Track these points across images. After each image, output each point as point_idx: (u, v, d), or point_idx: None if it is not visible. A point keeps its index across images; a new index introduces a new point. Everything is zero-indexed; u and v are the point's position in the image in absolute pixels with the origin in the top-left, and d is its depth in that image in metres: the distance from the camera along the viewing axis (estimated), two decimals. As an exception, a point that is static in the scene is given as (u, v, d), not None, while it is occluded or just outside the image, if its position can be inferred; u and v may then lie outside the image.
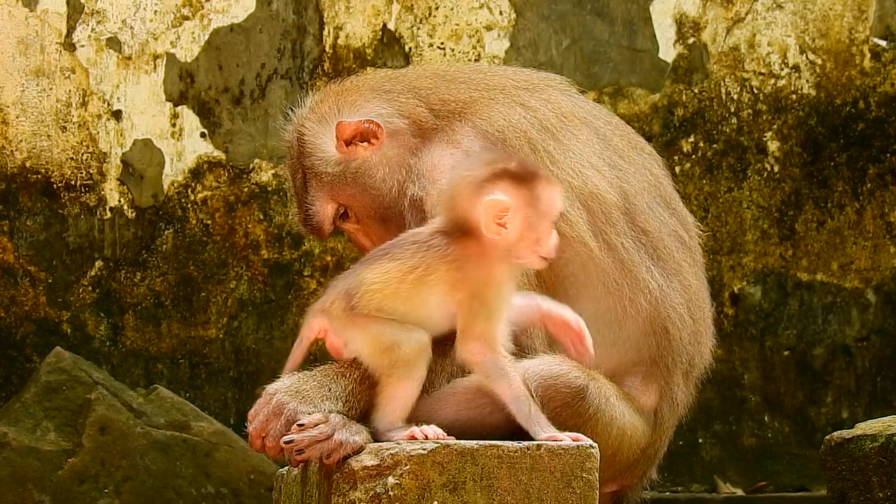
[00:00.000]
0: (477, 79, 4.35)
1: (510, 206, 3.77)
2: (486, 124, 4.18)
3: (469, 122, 4.20)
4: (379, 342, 3.77)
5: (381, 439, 3.75)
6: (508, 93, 4.30)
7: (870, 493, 4.25)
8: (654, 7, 6.65)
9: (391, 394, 3.77)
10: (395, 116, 4.26)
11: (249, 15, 6.39)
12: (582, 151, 4.19)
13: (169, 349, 6.27)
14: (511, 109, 4.23)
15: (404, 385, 3.77)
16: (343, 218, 4.33)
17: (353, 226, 4.35)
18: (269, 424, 3.83)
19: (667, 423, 4.27)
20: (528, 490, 3.70)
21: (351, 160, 4.26)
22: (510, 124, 4.18)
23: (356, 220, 4.33)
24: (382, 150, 4.25)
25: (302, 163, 4.32)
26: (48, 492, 5.51)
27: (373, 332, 3.79)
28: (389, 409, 3.78)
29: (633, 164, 4.30)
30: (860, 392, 6.71)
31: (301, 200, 4.36)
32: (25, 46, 6.22)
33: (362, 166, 4.26)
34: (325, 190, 4.30)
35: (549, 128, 4.21)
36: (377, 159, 4.25)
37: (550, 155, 4.14)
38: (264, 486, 5.64)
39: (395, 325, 3.78)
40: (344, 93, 4.35)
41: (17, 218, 6.20)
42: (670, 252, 4.24)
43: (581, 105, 4.37)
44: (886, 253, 6.75)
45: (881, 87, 6.78)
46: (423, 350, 3.77)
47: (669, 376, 4.19)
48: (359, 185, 4.26)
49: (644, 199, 4.24)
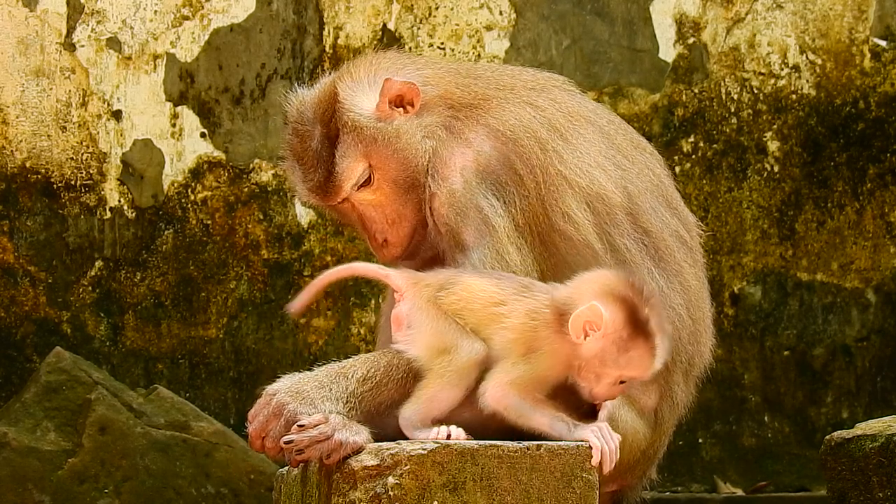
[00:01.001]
0: (489, 76, 4.36)
1: (605, 327, 3.75)
2: (498, 123, 4.19)
3: (482, 121, 4.20)
4: (440, 339, 3.78)
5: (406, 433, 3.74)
6: (518, 92, 4.30)
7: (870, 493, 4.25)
8: (654, 7, 6.65)
9: (433, 394, 3.77)
10: (429, 86, 4.25)
11: (249, 15, 6.39)
12: (589, 151, 4.20)
13: (169, 349, 6.27)
14: (522, 109, 4.23)
15: (450, 390, 3.77)
16: (364, 185, 4.26)
17: (369, 195, 4.24)
18: (270, 425, 3.83)
19: (667, 424, 4.28)
20: (528, 490, 3.70)
21: (389, 121, 4.21)
22: (521, 124, 4.19)
23: (376, 188, 4.24)
24: (417, 119, 4.22)
25: (334, 119, 4.23)
26: (48, 492, 5.51)
27: (439, 328, 3.79)
28: (426, 408, 3.77)
29: (637, 164, 4.31)
30: (860, 392, 6.71)
31: (320, 160, 4.25)
32: (25, 46, 6.22)
33: (399, 130, 4.20)
34: (360, 148, 4.21)
35: (557, 128, 4.22)
36: (413, 126, 4.21)
37: (559, 155, 4.15)
38: (264, 486, 5.64)
39: (462, 330, 3.78)
40: (379, 60, 4.33)
41: (17, 218, 6.20)
42: (672, 252, 4.25)
43: (585, 105, 4.39)
44: (886, 253, 6.75)
45: (881, 87, 6.78)
46: (478, 362, 3.78)
47: (669, 376, 4.20)
48: (391, 149, 4.20)
49: (647, 200, 4.25)
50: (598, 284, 3.82)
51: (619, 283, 3.80)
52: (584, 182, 4.15)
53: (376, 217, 4.25)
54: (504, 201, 4.11)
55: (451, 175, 4.14)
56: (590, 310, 3.74)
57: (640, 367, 3.78)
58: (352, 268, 4.09)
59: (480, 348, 3.77)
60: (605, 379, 3.79)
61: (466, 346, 3.77)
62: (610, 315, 3.74)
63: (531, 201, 4.11)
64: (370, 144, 4.21)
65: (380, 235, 4.25)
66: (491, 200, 4.11)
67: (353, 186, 4.23)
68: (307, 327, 6.33)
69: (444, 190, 4.13)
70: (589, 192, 4.14)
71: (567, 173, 4.13)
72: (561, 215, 4.11)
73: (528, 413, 3.75)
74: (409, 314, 3.84)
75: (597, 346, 3.76)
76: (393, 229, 4.24)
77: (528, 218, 4.11)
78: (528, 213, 4.11)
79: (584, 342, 3.76)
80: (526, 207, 4.11)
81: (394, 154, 4.20)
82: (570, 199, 4.12)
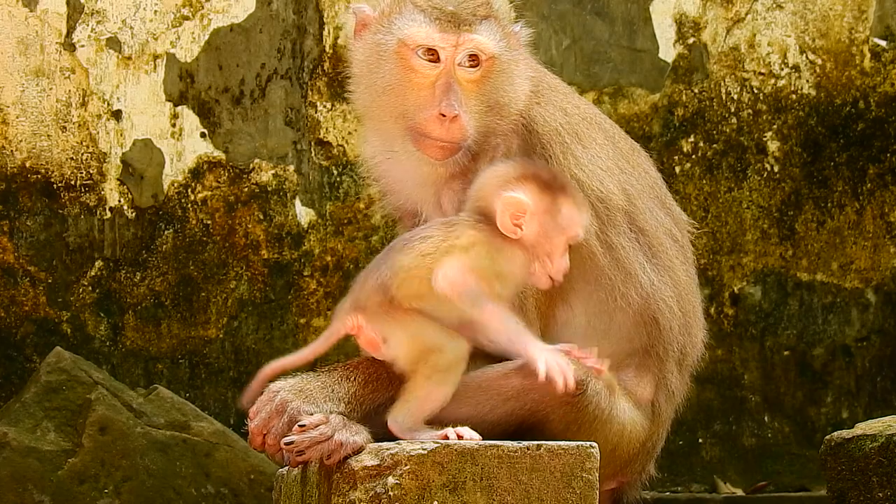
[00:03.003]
0: (543, 71, 4.42)
1: (528, 208, 3.82)
2: (532, 122, 4.23)
3: (525, 113, 4.23)
4: (421, 342, 3.77)
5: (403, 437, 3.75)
6: (557, 92, 4.37)
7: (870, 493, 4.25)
8: (654, 7, 6.65)
9: (424, 395, 3.77)
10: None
11: (249, 15, 6.39)
12: (599, 155, 4.30)
13: (169, 349, 6.27)
14: (556, 111, 4.29)
15: (440, 389, 3.77)
16: (475, 63, 4.15)
17: (472, 72, 4.14)
18: (272, 422, 3.84)
19: (664, 415, 4.32)
20: (528, 490, 3.70)
21: (518, 51, 4.27)
22: (552, 127, 4.24)
23: (480, 75, 4.16)
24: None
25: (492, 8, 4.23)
26: (48, 492, 5.51)
27: (414, 332, 3.78)
28: (419, 410, 3.77)
29: (635, 166, 4.41)
30: (860, 392, 6.71)
31: (476, 12, 4.20)
32: (25, 46, 6.22)
33: (519, 61, 4.25)
34: (497, 40, 4.19)
35: (578, 133, 4.29)
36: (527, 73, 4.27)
37: (577, 159, 4.24)
38: (264, 486, 5.64)
39: (438, 328, 3.78)
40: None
41: (17, 218, 6.20)
42: (664, 249, 4.34)
43: (592, 107, 4.49)
44: (886, 253, 6.75)
45: (881, 87, 6.78)
46: (464, 357, 3.79)
47: (662, 365, 4.27)
48: (509, 69, 4.21)
49: (644, 201, 4.35)
50: (494, 179, 3.90)
51: (509, 168, 3.92)
52: (594, 185, 4.22)
53: (460, 92, 4.13)
54: None
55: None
56: (505, 203, 3.83)
57: (578, 217, 3.91)
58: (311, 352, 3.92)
59: (461, 342, 3.78)
60: (556, 250, 3.88)
61: (452, 345, 3.77)
62: (525, 193, 3.85)
63: None
64: (504, 50, 4.19)
65: (454, 110, 4.08)
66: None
67: (479, 49, 4.13)
68: (307, 327, 6.33)
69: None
70: (598, 196, 4.22)
71: (582, 177, 4.20)
72: None
73: (482, 303, 3.75)
74: (379, 332, 3.82)
75: (533, 225, 3.85)
76: (468, 116, 4.13)
77: None
78: None
79: (521, 232, 3.84)
80: None
81: (508, 76, 4.19)
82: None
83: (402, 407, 3.79)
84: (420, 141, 4.10)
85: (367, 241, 6.40)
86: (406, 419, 3.77)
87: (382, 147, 4.26)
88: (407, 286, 3.77)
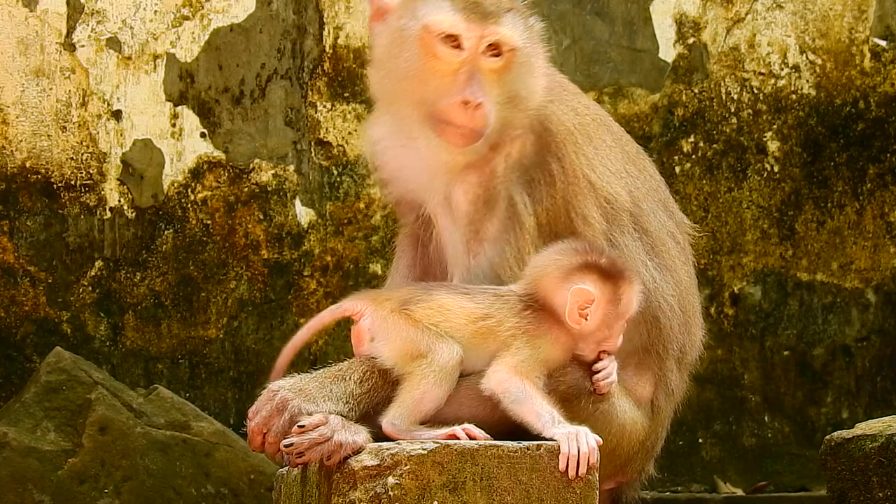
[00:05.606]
0: (555, 70, 4.45)
1: (595, 299, 3.91)
2: (548, 120, 4.25)
3: (540, 111, 4.26)
4: (412, 345, 3.81)
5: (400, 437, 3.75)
6: (569, 92, 4.41)
7: (870, 493, 4.25)
8: (654, 7, 6.65)
9: (420, 396, 3.79)
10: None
11: (249, 15, 6.39)
12: (609, 157, 4.35)
13: (169, 349, 6.27)
14: (569, 111, 4.33)
15: (435, 390, 3.80)
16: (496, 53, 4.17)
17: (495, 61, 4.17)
18: (272, 421, 3.85)
19: (664, 413, 4.33)
20: (528, 490, 3.70)
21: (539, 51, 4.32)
22: (565, 127, 4.27)
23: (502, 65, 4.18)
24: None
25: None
26: (48, 492, 5.51)
27: (408, 335, 3.82)
28: (414, 411, 3.79)
29: (641, 169, 4.46)
30: (860, 392, 6.71)
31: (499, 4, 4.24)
32: (25, 46, 6.22)
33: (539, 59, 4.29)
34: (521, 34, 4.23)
35: (590, 134, 4.33)
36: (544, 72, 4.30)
37: (589, 161, 4.26)
38: (264, 486, 5.64)
39: (436, 334, 3.81)
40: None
41: (17, 218, 6.20)
42: (667, 250, 4.38)
43: (597, 106, 4.53)
44: (886, 253, 6.75)
45: (881, 87, 6.78)
46: (459, 363, 3.83)
47: (662, 363, 4.30)
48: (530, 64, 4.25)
49: (648, 203, 4.40)
50: (556, 270, 3.95)
51: (570, 257, 3.97)
52: (604, 186, 4.26)
53: (483, 81, 4.14)
54: (533, 199, 4.17)
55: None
56: (575, 296, 3.90)
57: (633, 301, 4.01)
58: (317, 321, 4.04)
59: (459, 349, 3.81)
60: (613, 335, 3.99)
61: (445, 349, 3.81)
62: (593, 286, 3.92)
63: (556, 202, 4.19)
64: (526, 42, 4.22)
65: (479, 97, 4.10)
66: (523, 195, 4.17)
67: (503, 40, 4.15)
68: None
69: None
70: (606, 197, 4.27)
71: (593, 178, 4.25)
72: (581, 218, 4.21)
73: (522, 399, 3.81)
74: (371, 328, 3.87)
75: (597, 316, 3.94)
76: (490, 104, 4.14)
77: (550, 217, 4.18)
78: (551, 213, 4.19)
79: (586, 322, 3.92)
80: (550, 207, 4.18)
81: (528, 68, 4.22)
82: (591, 202, 4.23)
83: (398, 407, 3.80)
84: (441, 127, 4.12)
85: (367, 241, 6.40)
86: (401, 420, 3.78)
87: (397, 133, 4.26)
88: (430, 315, 3.86)
